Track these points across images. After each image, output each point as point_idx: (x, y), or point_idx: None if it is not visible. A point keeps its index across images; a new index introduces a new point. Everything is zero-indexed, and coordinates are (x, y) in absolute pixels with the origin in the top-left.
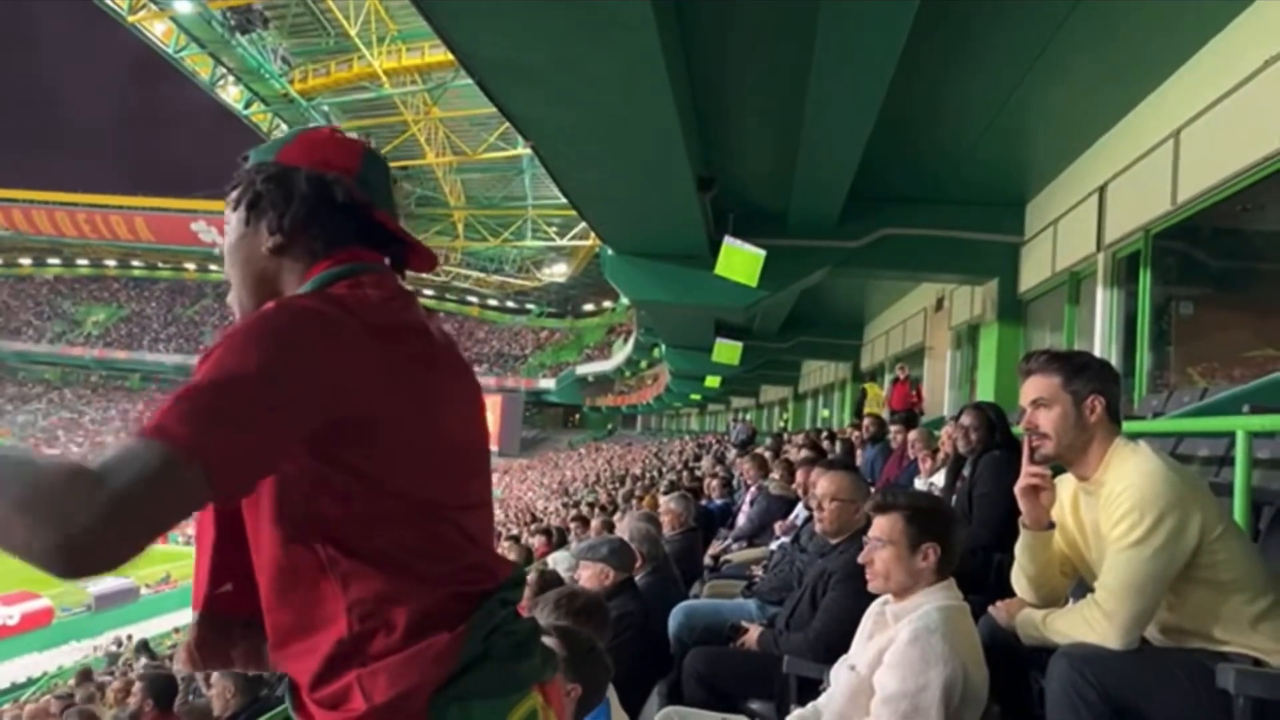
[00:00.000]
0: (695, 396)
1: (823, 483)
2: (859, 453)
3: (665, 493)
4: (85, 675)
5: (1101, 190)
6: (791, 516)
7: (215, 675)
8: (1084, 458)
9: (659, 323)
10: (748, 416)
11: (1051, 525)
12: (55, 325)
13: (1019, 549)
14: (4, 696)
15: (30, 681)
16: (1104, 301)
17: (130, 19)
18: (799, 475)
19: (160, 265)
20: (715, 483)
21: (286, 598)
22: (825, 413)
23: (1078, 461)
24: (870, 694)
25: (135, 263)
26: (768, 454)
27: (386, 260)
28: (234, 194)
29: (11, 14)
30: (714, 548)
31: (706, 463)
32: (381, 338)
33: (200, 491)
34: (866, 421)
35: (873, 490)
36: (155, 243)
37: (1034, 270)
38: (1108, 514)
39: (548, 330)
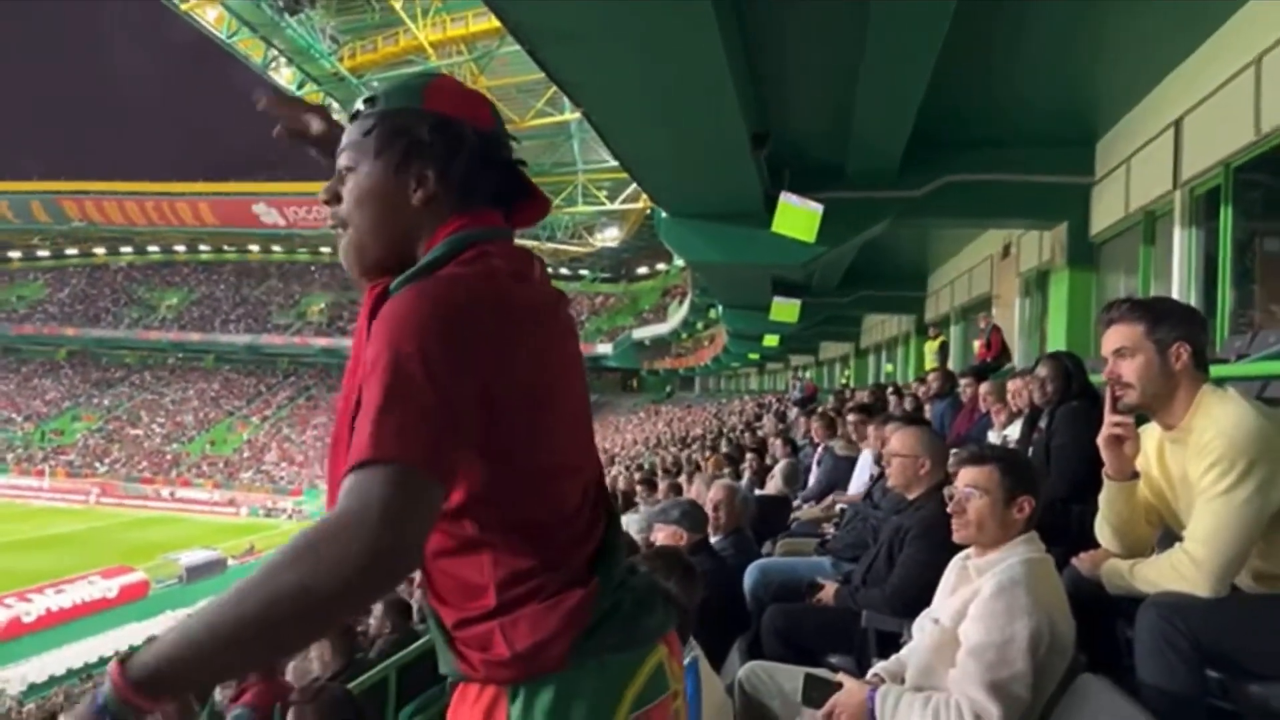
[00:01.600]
0: (753, 356)
1: (895, 439)
2: (926, 408)
3: (727, 455)
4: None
5: (1177, 124)
6: (859, 482)
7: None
8: (1170, 406)
9: (715, 283)
10: (808, 374)
11: (1136, 475)
12: (132, 311)
13: (1103, 500)
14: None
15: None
16: (1182, 241)
17: (184, 7)
18: (872, 432)
19: (225, 248)
20: (779, 442)
21: (434, 563)
22: (889, 367)
23: (1163, 410)
24: (955, 646)
25: (202, 247)
26: (832, 412)
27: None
28: (377, 136)
29: (74, 12)
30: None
31: (768, 422)
32: (519, 317)
33: (434, 491)
34: (933, 375)
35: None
36: (219, 226)
37: (1106, 211)
38: (1196, 462)
39: (602, 295)
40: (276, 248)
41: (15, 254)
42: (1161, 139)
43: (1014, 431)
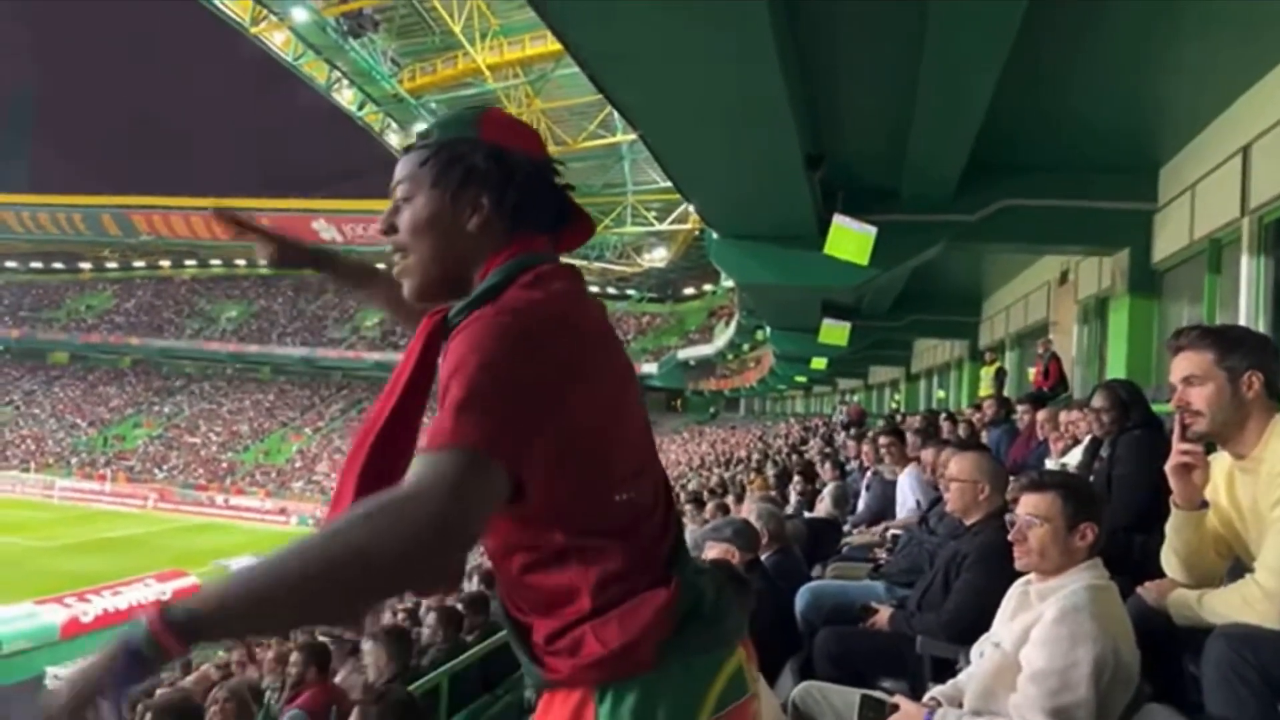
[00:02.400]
0: (800, 379)
1: (954, 464)
2: (982, 435)
3: (776, 476)
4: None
5: (1245, 150)
6: (902, 506)
7: (368, 645)
8: (1240, 435)
9: (763, 305)
10: (856, 398)
11: (1205, 504)
12: (193, 322)
13: (1170, 529)
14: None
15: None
16: (1249, 269)
17: (253, 31)
18: (926, 456)
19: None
20: (828, 465)
21: (523, 578)
22: (941, 393)
23: (1233, 439)
24: (1015, 671)
25: (262, 261)
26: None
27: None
28: (434, 166)
29: (141, 30)
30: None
31: (814, 446)
32: (585, 334)
33: (498, 479)
34: (988, 402)
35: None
36: None
37: (1169, 239)
38: (1268, 493)
39: (649, 315)
40: None
41: (86, 265)
42: (1229, 165)
43: (1072, 459)
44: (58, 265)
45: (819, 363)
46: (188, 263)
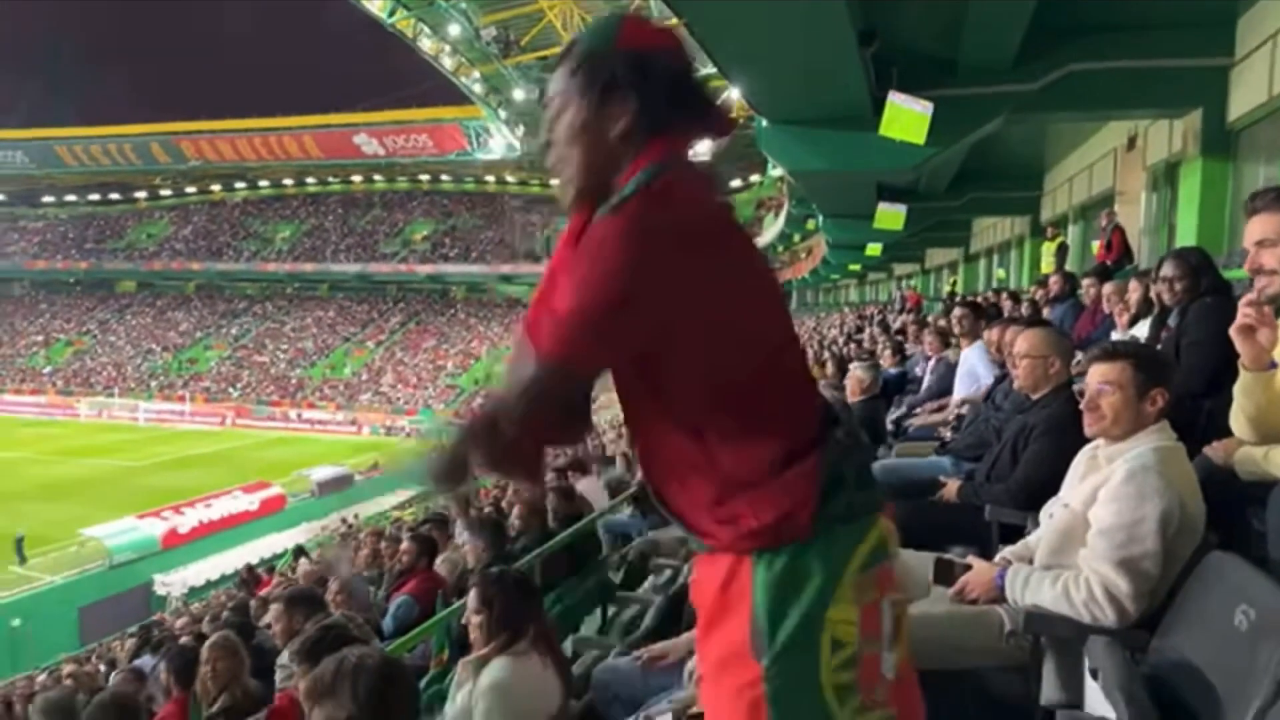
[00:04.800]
0: (855, 267)
1: (1023, 340)
2: (1045, 312)
3: (836, 365)
4: (299, 552)
5: None
6: (964, 383)
7: (465, 535)
8: None
9: (815, 193)
10: (912, 283)
11: (1274, 365)
12: (249, 244)
13: (1238, 390)
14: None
15: (276, 556)
16: None
17: None
18: (991, 335)
19: (331, 180)
20: (887, 351)
21: (683, 456)
22: (1001, 273)
23: None
24: (1084, 529)
25: (309, 180)
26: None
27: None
28: (580, 77)
29: None
30: (892, 414)
31: (870, 333)
32: (712, 232)
33: (585, 384)
34: (1053, 278)
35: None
36: (324, 159)
37: (1246, 95)
38: None
39: None
40: (378, 177)
41: (141, 194)
42: None
43: (1140, 331)
44: (114, 196)
45: (874, 249)
46: (238, 185)
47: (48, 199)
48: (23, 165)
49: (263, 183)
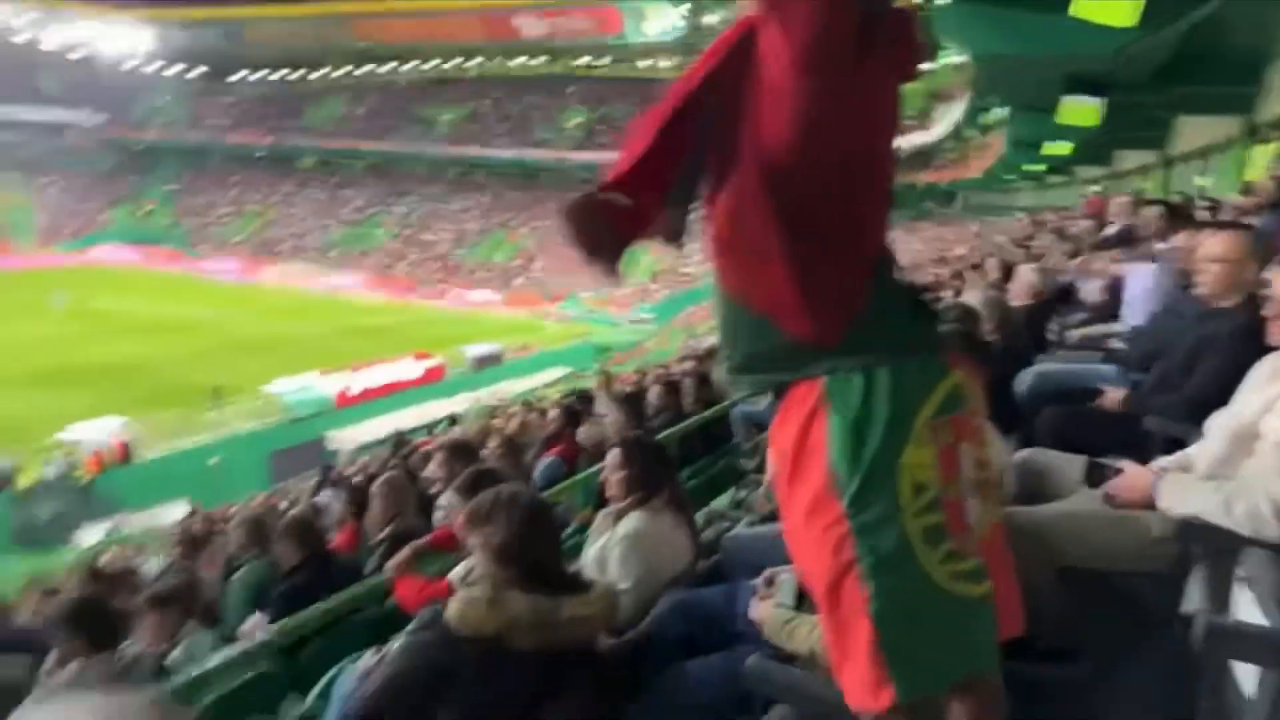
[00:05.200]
0: (1034, 168)
1: (1211, 243)
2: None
3: (1001, 268)
4: (452, 420)
5: None
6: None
7: (605, 408)
8: None
9: (998, 83)
10: (1097, 188)
11: None
12: (415, 127)
13: None
14: (419, 432)
15: (436, 422)
16: None
17: None
18: (1180, 239)
19: (490, 63)
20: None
21: (750, 260)
22: (1202, 180)
23: None
24: (1254, 438)
25: (468, 63)
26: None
27: None
28: None
29: None
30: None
31: (1043, 240)
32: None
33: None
34: (1263, 183)
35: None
36: (483, 42)
37: None
38: None
39: None
40: (535, 61)
41: (316, 75)
42: None
43: None
44: (293, 76)
45: (1061, 148)
46: (403, 68)
47: (236, 76)
48: (215, 41)
49: (427, 65)
